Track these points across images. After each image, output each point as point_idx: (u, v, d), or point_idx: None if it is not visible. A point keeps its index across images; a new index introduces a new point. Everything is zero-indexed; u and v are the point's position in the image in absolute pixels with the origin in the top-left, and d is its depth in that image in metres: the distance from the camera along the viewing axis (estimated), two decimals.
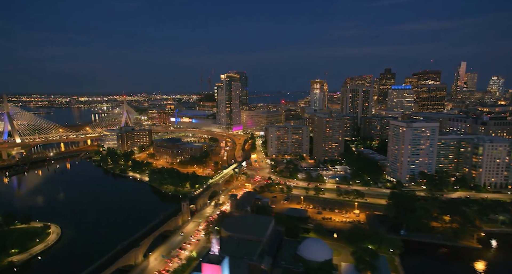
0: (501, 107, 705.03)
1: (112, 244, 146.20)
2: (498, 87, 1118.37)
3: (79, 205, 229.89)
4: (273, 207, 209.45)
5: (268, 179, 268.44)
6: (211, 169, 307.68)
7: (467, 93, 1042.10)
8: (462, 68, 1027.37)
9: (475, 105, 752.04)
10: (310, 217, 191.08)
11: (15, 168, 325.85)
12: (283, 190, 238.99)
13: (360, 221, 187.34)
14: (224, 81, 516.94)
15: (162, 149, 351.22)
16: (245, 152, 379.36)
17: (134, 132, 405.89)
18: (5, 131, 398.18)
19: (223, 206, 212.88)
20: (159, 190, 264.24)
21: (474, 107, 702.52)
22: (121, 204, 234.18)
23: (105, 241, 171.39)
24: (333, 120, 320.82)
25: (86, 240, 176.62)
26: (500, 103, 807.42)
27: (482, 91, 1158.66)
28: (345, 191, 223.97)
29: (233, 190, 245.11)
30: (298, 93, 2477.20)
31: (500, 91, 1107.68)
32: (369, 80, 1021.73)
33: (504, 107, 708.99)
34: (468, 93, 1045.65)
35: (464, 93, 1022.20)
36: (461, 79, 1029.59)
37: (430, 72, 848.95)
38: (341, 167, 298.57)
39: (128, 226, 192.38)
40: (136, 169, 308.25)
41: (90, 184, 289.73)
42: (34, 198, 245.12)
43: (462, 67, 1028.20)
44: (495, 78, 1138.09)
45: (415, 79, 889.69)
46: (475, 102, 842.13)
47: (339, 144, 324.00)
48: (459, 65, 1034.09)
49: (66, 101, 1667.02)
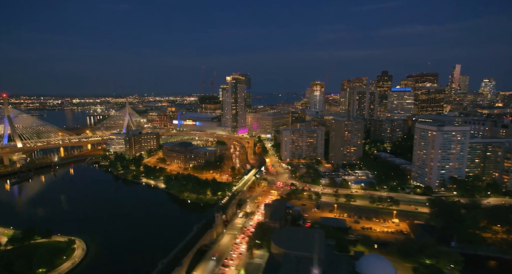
0: (499, 109, 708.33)
1: (144, 260, 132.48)
2: (489, 89, 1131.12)
3: (97, 216, 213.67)
4: (305, 216, 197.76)
5: (291, 185, 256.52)
6: (228, 174, 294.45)
7: (461, 96, 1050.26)
8: (456, 70, 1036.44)
9: (474, 107, 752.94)
10: (351, 227, 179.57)
11: (20, 174, 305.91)
12: (311, 197, 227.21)
13: (403, 231, 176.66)
14: (230, 83, 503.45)
15: (173, 153, 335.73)
16: (257, 155, 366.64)
17: (141, 136, 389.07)
18: (5, 135, 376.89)
19: (254, 215, 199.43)
20: (178, 197, 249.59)
21: (473, 109, 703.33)
22: (141, 214, 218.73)
23: (135, 257, 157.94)
24: (352, 123, 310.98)
25: (114, 255, 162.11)
26: (497, 105, 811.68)
27: (474, 93, 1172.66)
28: (379, 198, 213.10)
29: (259, 198, 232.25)
30: (290, 95, 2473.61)
31: (492, 93, 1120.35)
32: (365, 82, 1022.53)
33: (502, 109, 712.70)
34: (462, 96, 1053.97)
35: (458, 95, 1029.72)
36: (456, 81, 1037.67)
37: (427, 74, 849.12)
38: (362, 172, 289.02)
39: (155, 238, 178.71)
40: (150, 175, 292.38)
41: (103, 192, 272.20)
42: (46, 208, 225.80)
43: (457, 70, 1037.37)
44: (486, 80, 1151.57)
45: (410, 81, 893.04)
46: (473, 105, 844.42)
47: (357, 148, 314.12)
48: (454, 68, 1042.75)
49: (58, 103, 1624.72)
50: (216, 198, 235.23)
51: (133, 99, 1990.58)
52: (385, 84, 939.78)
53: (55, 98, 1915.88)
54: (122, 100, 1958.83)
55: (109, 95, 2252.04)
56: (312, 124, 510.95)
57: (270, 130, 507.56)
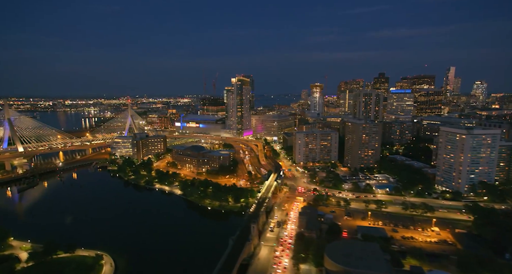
0: (497, 111, 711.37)
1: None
2: (481, 91, 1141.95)
3: (118, 225, 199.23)
4: (339, 224, 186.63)
5: (314, 190, 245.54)
6: (244, 179, 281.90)
7: (455, 97, 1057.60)
8: (451, 72, 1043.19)
9: (473, 109, 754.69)
10: (392, 237, 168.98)
11: (25, 180, 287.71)
12: (339, 203, 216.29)
13: (447, 241, 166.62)
14: (235, 85, 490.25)
15: (185, 158, 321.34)
16: (269, 159, 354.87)
17: (148, 139, 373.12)
18: (5, 139, 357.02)
19: (287, 224, 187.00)
20: (196, 204, 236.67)
21: (472, 111, 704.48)
22: (162, 222, 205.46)
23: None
24: (369, 126, 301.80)
25: (146, 272, 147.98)
26: (494, 107, 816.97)
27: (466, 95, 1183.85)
28: (412, 204, 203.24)
29: (285, 205, 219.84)
30: (281, 96, 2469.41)
31: (484, 95, 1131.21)
32: (362, 84, 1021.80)
33: (499, 111, 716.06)
34: (456, 97, 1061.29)
35: (453, 97, 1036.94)
36: (451, 83, 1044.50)
37: (424, 76, 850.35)
38: (381, 175, 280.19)
39: (184, 250, 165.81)
40: (163, 180, 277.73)
41: (117, 199, 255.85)
42: (62, 218, 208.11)
43: (451, 72, 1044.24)
44: (478, 83, 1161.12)
45: (405, 83, 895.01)
46: (469, 106, 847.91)
47: (375, 151, 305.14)
48: (448, 70, 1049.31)
49: (49, 105, 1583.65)
50: (239, 205, 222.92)
51: (126, 100, 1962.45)
52: (382, 86, 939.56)
53: (45, 99, 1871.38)
54: (115, 101, 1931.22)
55: (100, 97, 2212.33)
56: (317, 127, 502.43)
57: (275, 132, 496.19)
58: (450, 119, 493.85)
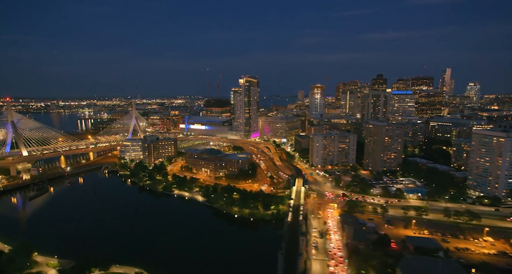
0: (497, 112, 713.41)
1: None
2: (475, 92, 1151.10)
3: (145, 237, 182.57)
4: (382, 233, 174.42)
5: (343, 196, 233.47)
6: (266, 183, 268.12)
7: (450, 98, 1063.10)
8: (447, 74, 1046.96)
9: (473, 110, 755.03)
10: (448, 248, 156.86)
11: (33, 187, 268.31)
12: (376, 210, 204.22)
13: (508, 252, 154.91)
14: (243, 85, 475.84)
15: (201, 161, 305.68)
16: (286, 162, 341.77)
17: (159, 142, 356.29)
18: (8, 143, 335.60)
19: (330, 234, 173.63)
20: (220, 211, 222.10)
21: (473, 112, 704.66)
22: (192, 233, 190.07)
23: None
24: (392, 128, 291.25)
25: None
26: (493, 108, 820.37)
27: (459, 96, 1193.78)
28: (455, 212, 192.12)
29: (319, 212, 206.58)
30: (274, 97, 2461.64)
31: (477, 96, 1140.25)
32: (359, 85, 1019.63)
33: (499, 112, 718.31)
34: (451, 98, 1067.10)
35: (449, 98, 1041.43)
36: (447, 85, 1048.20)
37: (423, 78, 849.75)
38: (407, 179, 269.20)
39: (225, 265, 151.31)
40: (182, 186, 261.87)
41: (137, 207, 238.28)
42: (83, 229, 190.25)
43: (447, 74, 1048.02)
44: (472, 84, 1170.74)
45: (402, 84, 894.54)
46: (468, 108, 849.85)
47: (398, 154, 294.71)
48: (444, 71, 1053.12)
49: (42, 106, 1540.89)
50: (270, 212, 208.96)
51: (120, 101, 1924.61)
52: (380, 87, 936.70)
53: (36, 100, 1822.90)
54: (108, 102, 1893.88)
55: (91, 98, 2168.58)
56: (324, 128, 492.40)
57: (283, 134, 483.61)
58: (459, 120, 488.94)
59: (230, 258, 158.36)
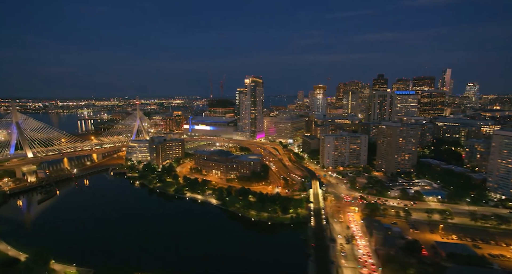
0: (499, 112, 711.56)
1: None
2: (474, 92, 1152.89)
3: (164, 244, 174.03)
4: (409, 238, 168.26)
5: (361, 199, 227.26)
6: (279, 185, 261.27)
7: (450, 99, 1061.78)
8: (447, 74, 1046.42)
9: (476, 110, 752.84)
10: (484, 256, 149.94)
11: (41, 190, 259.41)
12: (398, 213, 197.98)
13: None
14: (249, 86, 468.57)
15: (211, 163, 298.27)
16: (296, 163, 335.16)
17: (166, 143, 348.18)
18: (12, 144, 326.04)
19: (356, 239, 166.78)
20: (236, 215, 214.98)
21: (476, 112, 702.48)
22: (209, 238, 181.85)
23: None
24: (407, 129, 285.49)
25: None
26: (495, 108, 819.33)
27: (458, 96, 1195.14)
28: (482, 215, 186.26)
29: (340, 216, 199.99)
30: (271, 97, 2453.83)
31: (476, 96, 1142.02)
32: (360, 85, 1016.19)
33: (501, 112, 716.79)
34: (451, 99, 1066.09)
35: (449, 98, 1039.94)
36: (447, 85, 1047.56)
37: (425, 78, 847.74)
38: (422, 181, 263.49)
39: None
40: (195, 188, 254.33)
41: (148, 210, 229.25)
42: (97, 235, 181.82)
43: (448, 74, 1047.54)
44: (471, 84, 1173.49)
45: (401, 84, 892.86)
46: (467, 108, 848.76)
47: (412, 155, 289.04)
48: (444, 72, 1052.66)
49: (40, 106, 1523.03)
50: (289, 216, 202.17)
51: (119, 102, 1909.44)
52: (381, 87, 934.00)
53: (33, 100, 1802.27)
54: (107, 102, 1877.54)
55: (88, 98, 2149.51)
56: (330, 128, 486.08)
57: (288, 135, 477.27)
58: (465, 120, 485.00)
59: (256, 265, 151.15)
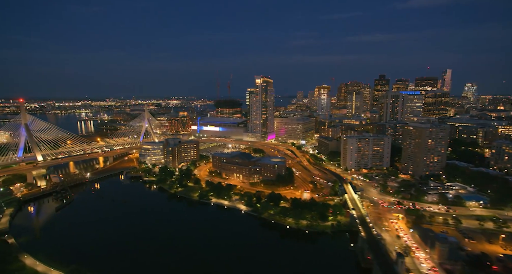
0: (504, 112, 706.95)
1: None
2: (472, 93, 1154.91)
3: (204, 255, 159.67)
4: (468, 250, 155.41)
5: (399, 204, 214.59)
6: (307, 190, 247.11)
7: (450, 99, 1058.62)
8: (447, 75, 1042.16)
9: (482, 110, 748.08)
10: None
11: (56, 196, 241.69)
12: (446, 221, 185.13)
13: None
14: (260, 86, 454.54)
15: (232, 166, 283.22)
16: (316, 166, 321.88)
17: (181, 145, 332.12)
18: (20, 147, 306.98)
19: (414, 252, 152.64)
20: (268, 222, 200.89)
21: (482, 112, 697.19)
22: (247, 248, 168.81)
23: None
24: (436, 130, 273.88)
25: None
26: (499, 108, 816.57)
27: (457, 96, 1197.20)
28: None
29: (384, 223, 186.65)
30: None
31: (474, 97, 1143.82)
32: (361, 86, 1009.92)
33: (506, 112, 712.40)
34: (451, 99, 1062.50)
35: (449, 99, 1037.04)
36: (447, 85, 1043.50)
37: (428, 78, 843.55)
38: (454, 184, 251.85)
39: None
40: (221, 193, 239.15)
41: (174, 218, 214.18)
42: (132, 250, 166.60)
43: (448, 74, 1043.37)
44: (469, 85, 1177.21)
45: (401, 85, 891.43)
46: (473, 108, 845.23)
47: (441, 157, 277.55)
48: (445, 72, 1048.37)
49: (37, 107, 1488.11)
50: (330, 224, 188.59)
51: (116, 102, 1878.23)
52: (383, 88, 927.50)
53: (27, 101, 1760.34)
54: (103, 103, 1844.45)
55: (82, 99, 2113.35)
56: (340, 129, 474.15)
57: (299, 136, 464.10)
58: (478, 121, 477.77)
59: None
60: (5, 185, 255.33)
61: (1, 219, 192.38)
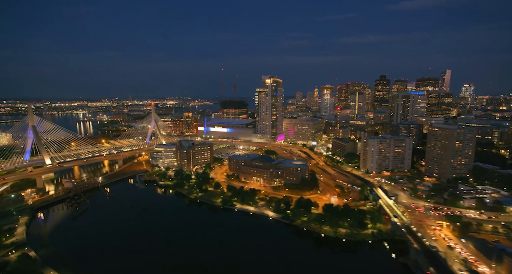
0: (508, 113, 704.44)
1: None
2: (469, 93, 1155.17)
3: (233, 266, 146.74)
4: None
5: (436, 210, 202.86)
6: (335, 194, 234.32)
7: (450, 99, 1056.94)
8: (447, 75, 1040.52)
9: (487, 111, 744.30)
10: None
11: (70, 202, 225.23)
12: (496, 229, 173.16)
13: None
14: (270, 86, 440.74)
15: (252, 169, 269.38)
16: (335, 168, 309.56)
17: (195, 147, 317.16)
18: (27, 150, 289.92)
19: (475, 266, 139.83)
20: (300, 229, 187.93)
21: (486, 112, 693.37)
22: (284, 260, 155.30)
23: None
24: (464, 132, 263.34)
25: None
26: (501, 108, 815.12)
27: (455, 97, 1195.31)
28: None
29: (429, 233, 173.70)
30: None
31: (472, 97, 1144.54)
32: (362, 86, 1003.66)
33: (509, 112, 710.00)
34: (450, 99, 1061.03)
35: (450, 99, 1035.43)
36: (446, 86, 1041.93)
37: (429, 79, 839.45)
38: (484, 187, 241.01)
39: None
40: (246, 199, 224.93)
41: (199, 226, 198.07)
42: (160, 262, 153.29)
43: (447, 75, 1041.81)
44: (467, 85, 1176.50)
45: (401, 85, 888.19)
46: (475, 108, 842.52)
47: (469, 159, 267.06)
48: (444, 73, 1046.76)
49: (33, 107, 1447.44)
50: (370, 232, 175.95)
51: (112, 102, 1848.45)
52: (384, 88, 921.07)
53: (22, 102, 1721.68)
54: (99, 104, 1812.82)
55: (76, 99, 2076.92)
56: (350, 130, 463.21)
57: (309, 137, 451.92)
58: (489, 121, 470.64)
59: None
60: (14, 191, 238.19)
61: (16, 229, 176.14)
